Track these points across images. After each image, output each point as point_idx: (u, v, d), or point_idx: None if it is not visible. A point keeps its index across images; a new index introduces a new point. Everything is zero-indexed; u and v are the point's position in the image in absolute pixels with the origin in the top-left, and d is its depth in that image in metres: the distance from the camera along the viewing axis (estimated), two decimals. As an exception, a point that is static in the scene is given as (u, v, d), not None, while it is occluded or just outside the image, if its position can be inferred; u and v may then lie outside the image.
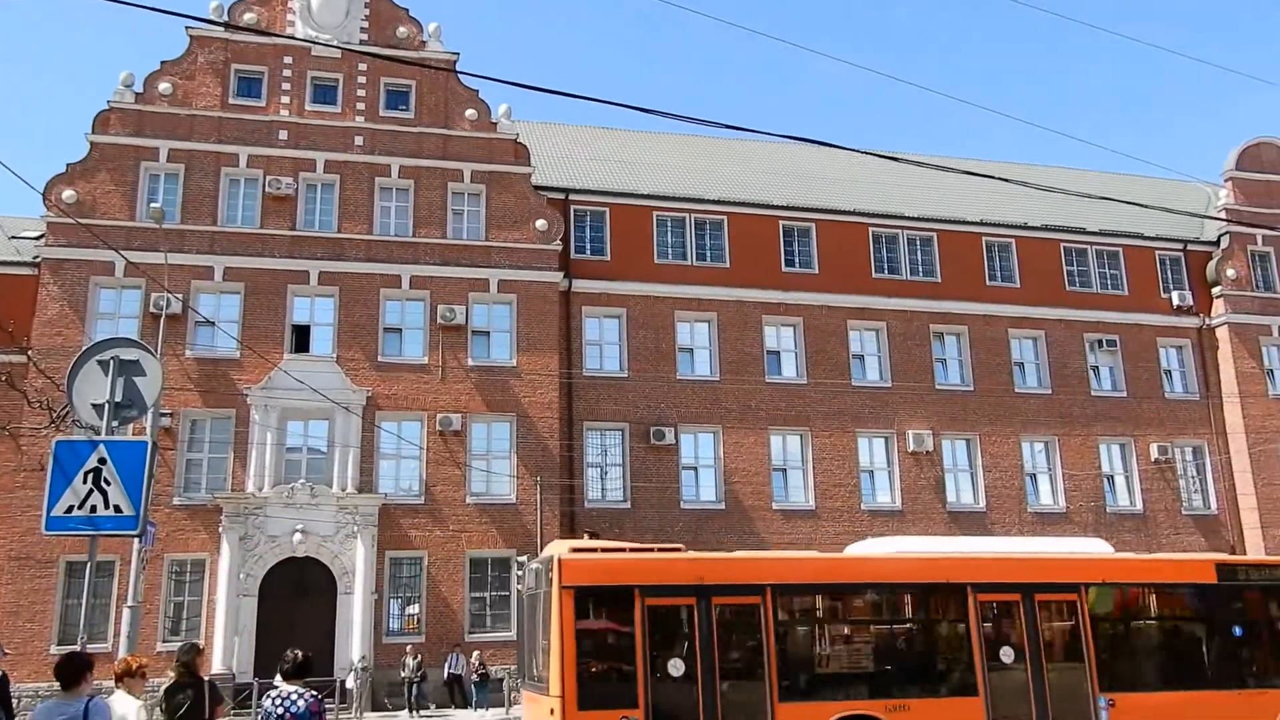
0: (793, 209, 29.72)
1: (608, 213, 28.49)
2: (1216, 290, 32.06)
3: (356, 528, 23.96)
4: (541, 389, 26.07)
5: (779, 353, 28.72)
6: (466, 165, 27.19)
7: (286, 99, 26.59)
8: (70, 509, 6.71)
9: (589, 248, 28.25)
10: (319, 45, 23.85)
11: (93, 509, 6.71)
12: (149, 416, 15.43)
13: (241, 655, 22.58)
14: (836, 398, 28.36)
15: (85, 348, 7.57)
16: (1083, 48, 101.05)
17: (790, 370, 28.65)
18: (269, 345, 24.76)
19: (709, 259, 28.83)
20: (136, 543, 15.72)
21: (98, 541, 7.18)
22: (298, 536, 23.43)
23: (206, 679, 7.57)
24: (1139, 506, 29.87)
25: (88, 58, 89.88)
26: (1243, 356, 31.41)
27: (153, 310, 23.63)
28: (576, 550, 12.93)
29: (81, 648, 6.81)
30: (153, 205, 22.72)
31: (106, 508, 6.73)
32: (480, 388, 25.80)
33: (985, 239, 30.94)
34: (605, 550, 13.52)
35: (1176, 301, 31.72)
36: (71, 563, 22.65)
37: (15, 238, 24.52)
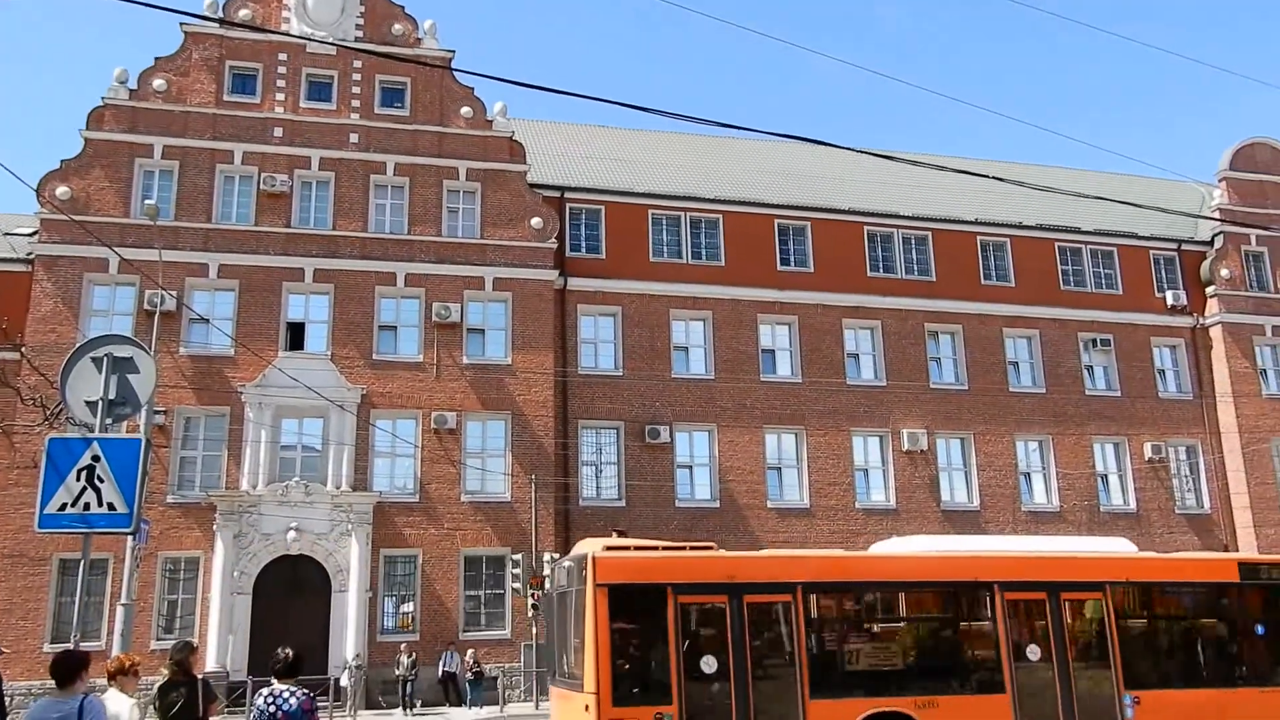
0: (788, 208, 29.75)
1: (603, 211, 28.50)
2: (1210, 290, 32.15)
3: (351, 526, 23.94)
4: (536, 387, 26.07)
5: (774, 351, 28.76)
6: (462, 163, 27.16)
7: (281, 96, 26.53)
8: (64, 506, 6.68)
9: (584, 246, 28.25)
10: (314, 42, 23.83)
11: (86, 506, 6.68)
12: (143, 414, 15.35)
13: (235, 653, 22.60)
14: (831, 396, 28.40)
15: (79, 344, 7.54)
16: (1078, 47, 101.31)
17: (785, 369, 28.69)
18: (263, 343, 24.73)
19: (704, 257, 28.85)
20: (130, 540, 15.66)
21: (91, 539, 7.16)
22: (292, 534, 23.41)
23: (200, 677, 7.57)
24: (1132, 506, 29.96)
25: (82, 55, 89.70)
26: (1236, 356, 31.50)
27: (147, 307, 23.59)
28: (610, 549, 12.96)
29: (75, 646, 6.81)
30: (147, 202, 22.66)
31: (100, 505, 6.70)
32: (475, 386, 25.79)
33: (980, 238, 31.00)
34: (638, 549, 13.57)
35: (1171, 301, 31.81)
36: (65, 560, 22.62)
37: (9, 234, 24.44)
